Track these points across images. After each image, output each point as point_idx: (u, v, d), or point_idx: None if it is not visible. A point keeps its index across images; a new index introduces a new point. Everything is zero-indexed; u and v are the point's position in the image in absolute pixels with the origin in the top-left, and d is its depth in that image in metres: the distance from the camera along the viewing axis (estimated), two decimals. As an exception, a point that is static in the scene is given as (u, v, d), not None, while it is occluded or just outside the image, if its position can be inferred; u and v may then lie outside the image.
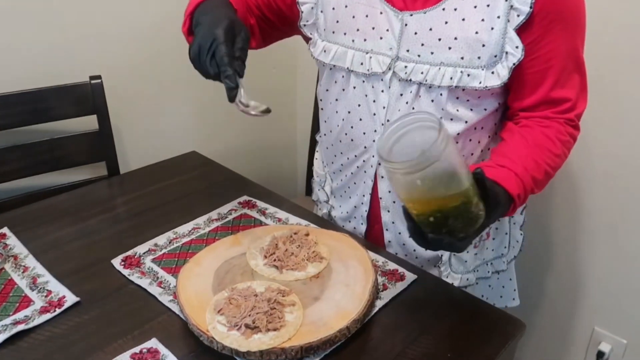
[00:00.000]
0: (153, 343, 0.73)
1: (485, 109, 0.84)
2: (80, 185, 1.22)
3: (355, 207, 0.99)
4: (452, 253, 0.95)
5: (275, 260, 0.83)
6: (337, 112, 0.93)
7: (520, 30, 0.75)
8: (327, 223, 1.03)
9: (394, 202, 0.92)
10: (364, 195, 0.96)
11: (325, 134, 1.00)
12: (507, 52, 0.77)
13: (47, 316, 0.77)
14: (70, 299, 0.81)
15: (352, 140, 0.93)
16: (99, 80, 1.23)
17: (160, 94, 1.48)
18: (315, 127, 1.63)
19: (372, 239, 0.99)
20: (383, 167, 0.64)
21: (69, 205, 1.08)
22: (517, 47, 0.76)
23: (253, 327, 0.69)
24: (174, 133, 1.54)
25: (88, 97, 1.23)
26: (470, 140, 0.87)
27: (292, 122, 1.89)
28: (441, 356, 0.72)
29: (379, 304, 0.80)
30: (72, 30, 1.26)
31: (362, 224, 1.00)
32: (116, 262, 0.90)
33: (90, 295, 0.82)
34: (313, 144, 1.66)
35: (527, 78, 0.79)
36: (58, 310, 0.78)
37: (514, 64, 0.77)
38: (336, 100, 0.93)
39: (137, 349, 0.72)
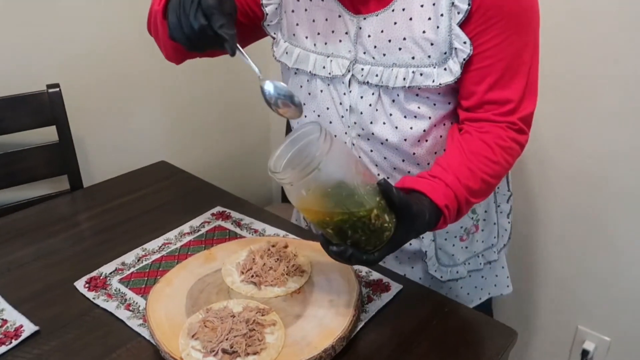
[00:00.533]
0: (121, 374, 0.67)
1: (450, 103, 0.82)
2: (40, 201, 1.14)
3: None
4: (438, 247, 0.94)
5: (252, 276, 0.78)
6: (305, 116, 0.91)
7: (463, 27, 0.74)
8: (307, 233, 0.98)
9: None
10: None
11: None
12: (455, 48, 0.75)
13: (2, 349, 0.70)
14: (29, 328, 0.73)
15: None
16: (57, 89, 1.16)
17: (125, 101, 1.41)
18: (289, 130, 1.59)
19: None
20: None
21: (26, 224, 1.00)
22: (464, 42, 0.75)
23: (231, 352, 0.64)
24: (140, 142, 1.47)
25: (45, 106, 1.15)
26: (440, 136, 0.85)
27: (265, 125, 1.84)
28: (433, 372, 0.68)
29: (365, 317, 0.76)
30: (27, 35, 1.18)
31: None
32: (80, 284, 0.83)
33: (51, 323, 0.75)
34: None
35: (470, 75, 0.78)
36: (15, 342, 0.71)
37: (464, 59, 0.75)
38: (303, 104, 0.90)
39: (103, 382, 0.66)
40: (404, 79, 0.78)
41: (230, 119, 1.69)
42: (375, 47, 0.79)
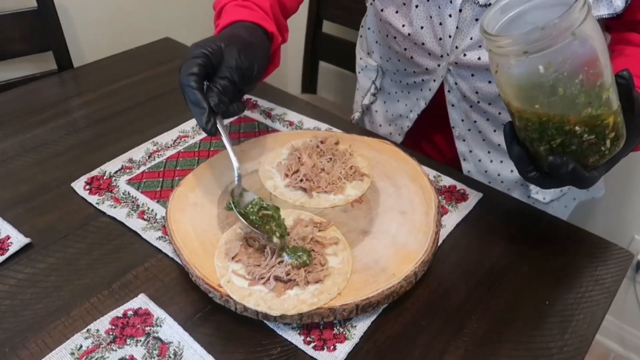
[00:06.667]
0: (141, 301, 0.52)
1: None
2: (21, 83, 0.94)
3: (400, 115, 0.84)
4: None
5: (301, 180, 0.60)
6: (390, 23, 0.73)
7: None
8: (355, 127, 0.80)
9: (469, 129, 0.79)
10: (411, 111, 0.83)
11: (379, 31, 0.80)
12: None
13: (-14, 266, 0.55)
14: (18, 240, 0.58)
15: (411, 57, 0.76)
16: (29, -64, 0.90)
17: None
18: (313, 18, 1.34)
19: None
20: (488, 48, 0.44)
21: (6, 110, 0.81)
22: None
23: (286, 280, 0.48)
24: (139, 14, 1.23)
25: (16, -40, 0.91)
26: None
27: None
28: (535, 303, 0.54)
29: (442, 233, 0.60)
30: None
31: (399, 134, 0.86)
32: (78, 185, 0.66)
33: (45, 235, 0.59)
34: (311, 35, 1.37)
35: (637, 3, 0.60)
36: (1, 258, 0.56)
37: None
38: (396, 12, 0.72)
39: (119, 311, 0.51)
40: None
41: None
42: None
